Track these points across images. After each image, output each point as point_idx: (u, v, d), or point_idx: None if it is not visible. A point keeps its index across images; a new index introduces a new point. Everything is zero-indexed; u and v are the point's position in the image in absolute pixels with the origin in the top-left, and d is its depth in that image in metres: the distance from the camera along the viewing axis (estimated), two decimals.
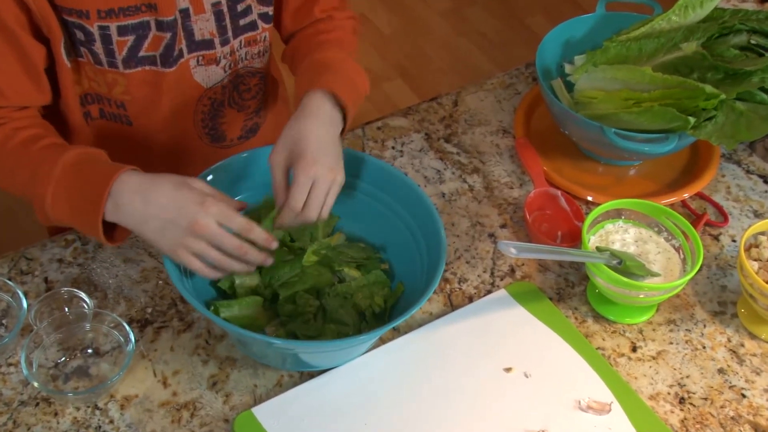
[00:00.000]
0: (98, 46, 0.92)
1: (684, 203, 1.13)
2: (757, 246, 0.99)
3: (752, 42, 1.09)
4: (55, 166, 0.85)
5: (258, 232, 0.85)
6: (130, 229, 0.85)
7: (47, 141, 0.90)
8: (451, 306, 1.00)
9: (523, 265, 1.05)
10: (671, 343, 0.98)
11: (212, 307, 0.90)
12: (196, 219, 0.81)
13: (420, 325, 0.97)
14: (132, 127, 1.02)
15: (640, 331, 0.99)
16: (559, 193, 1.09)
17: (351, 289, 0.94)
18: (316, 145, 0.87)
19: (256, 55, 1.05)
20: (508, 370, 0.93)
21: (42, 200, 0.86)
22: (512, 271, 1.04)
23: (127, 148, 1.04)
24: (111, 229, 0.87)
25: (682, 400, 0.93)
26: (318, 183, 0.86)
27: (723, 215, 1.12)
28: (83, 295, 0.94)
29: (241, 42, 1.01)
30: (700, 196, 1.15)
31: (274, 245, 0.86)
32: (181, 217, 0.81)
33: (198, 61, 0.99)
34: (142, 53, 0.94)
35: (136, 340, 0.92)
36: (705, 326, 1.00)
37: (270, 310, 0.93)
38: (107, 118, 1.01)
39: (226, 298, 0.94)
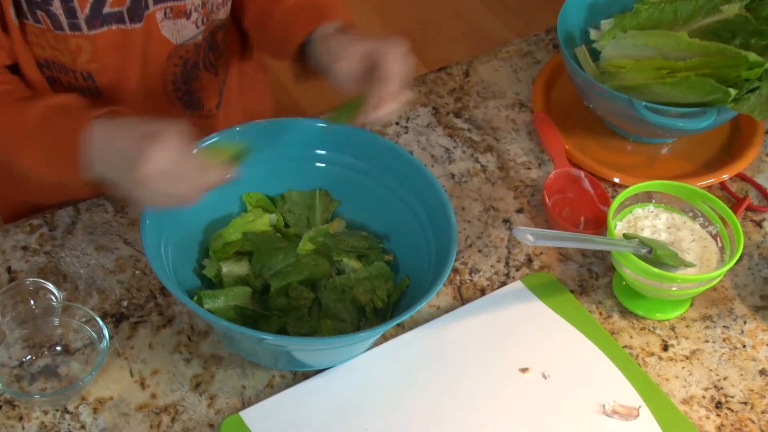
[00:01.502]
0: (57, 5, 0.91)
1: (723, 185, 1.13)
2: None
3: None
4: (24, 124, 0.87)
5: (211, 175, 0.82)
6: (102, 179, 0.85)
7: (15, 95, 0.92)
8: (461, 299, 1.00)
9: (541, 254, 1.05)
10: (707, 342, 0.98)
11: (195, 298, 0.90)
12: (141, 164, 0.79)
13: (426, 320, 0.97)
14: (102, 98, 1.02)
15: (672, 328, 0.99)
16: (582, 173, 1.09)
17: (350, 281, 0.94)
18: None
19: (221, 4, 1.04)
20: (524, 370, 0.93)
21: (20, 163, 0.88)
22: (529, 260, 1.05)
23: None
24: None
25: (718, 405, 0.93)
26: (404, 66, 0.87)
27: (767, 199, 1.12)
28: (51, 286, 0.94)
29: None
30: (741, 177, 1.14)
31: (228, 176, 0.84)
32: (127, 163, 0.80)
33: (165, 13, 0.98)
34: (107, 9, 0.94)
35: (111, 337, 0.92)
36: (745, 323, 1.00)
37: (260, 302, 0.93)
38: (75, 91, 1.01)
39: (212, 287, 0.94)
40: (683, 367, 0.96)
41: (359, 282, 0.94)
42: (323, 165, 0.99)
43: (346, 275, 0.95)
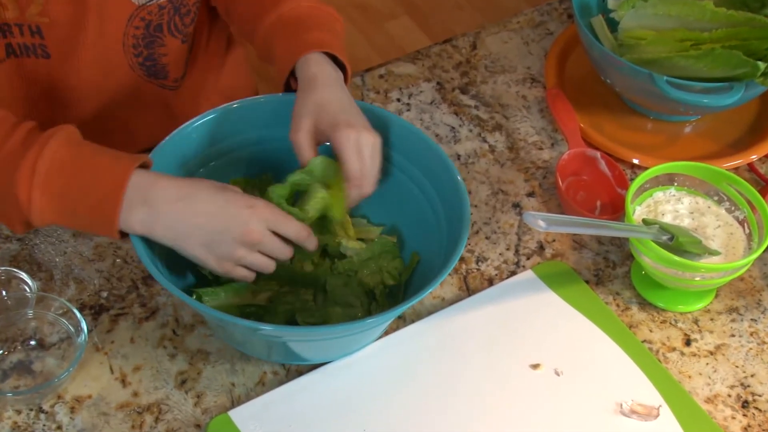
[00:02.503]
0: None
1: (751, 167, 1.13)
2: None
3: None
4: (37, 161, 0.83)
5: (312, 239, 0.89)
6: (162, 241, 0.86)
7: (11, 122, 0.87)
8: (468, 290, 1.00)
9: (554, 241, 1.05)
10: (733, 336, 0.98)
11: (194, 296, 0.90)
12: (248, 226, 0.84)
13: (429, 312, 0.97)
14: (50, 60, 1.00)
15: (696, 321, 0.99)
16: (598, 154, 1.09)
17: (354, 265, 0.94)
18: (342, 109, 0.91)
19: None
20: (535, 366, 0.93)
21: (25, 205, 0.83)
22: (541, 248, 1.04)
23: (45, 88, 1.02)
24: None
25: (745, 404, 0.93)
26: (363, 147, 0.90)
27: None
28: (24, 275, 0.94)
29: None
30: None
31: (314, 247, 0.91)
32: (231, 225, 0.84)
33: None
34: None
35: (89, 330, 0.92)
36: None
37: (262, 295, 0.93)
38: (18, 53, 0.99)
39: (206, 283, 0.93)
40: (707, 364, 0.95)
41: (363, 264, 0.94)
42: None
43: (348, 260, 0.95)
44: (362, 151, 0.90)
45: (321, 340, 0.88)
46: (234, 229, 0.84)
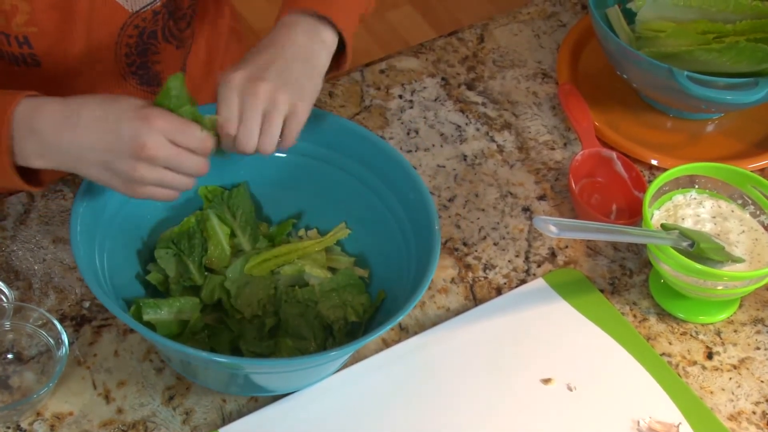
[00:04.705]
0: None
1: None
2: None
3: None
4: None
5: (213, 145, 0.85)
6: (64, 169, 0.85)
7: None
8: (474, 300, 1.01)
9: (566, 247, 1.06)
10: (758, 349, 0.98)
11: (133, 306, 0.90)
12: (141, 140, 0.80)
13: (434, 323, 0.97)
14: (40, 68, 1.01)
15: (718, 333, 0.99)
16: (614, 155, 1.09)
17: (314, 295, 0.93)
18: (268, 60, 0.85)
19: None
20: (546, 381, 0.94)
21: None
22: (553, 255, 1.05)
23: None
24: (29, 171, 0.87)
25: None
26: (254, 99, 0.84)
27: None
28: (1, 284, 0.94)
29: None
30: None
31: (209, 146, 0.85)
32: (123, 141, 0.80)
33: None
34: None
35: (70, 343, 0.92)
36: None
37: (211, 315, 0.93)
38: (7, 60, 1.00)
39: (157, 295, 0.93)
40: (730, 378, 0.96)
41: (326, 295, 0.94)
42: (284, 155, 0.97)
43: (309, 288, 0.94)
44: (251, 104, 0.83)
45: (260, 373, 0.87)
46: (127, 144, 0.80)
